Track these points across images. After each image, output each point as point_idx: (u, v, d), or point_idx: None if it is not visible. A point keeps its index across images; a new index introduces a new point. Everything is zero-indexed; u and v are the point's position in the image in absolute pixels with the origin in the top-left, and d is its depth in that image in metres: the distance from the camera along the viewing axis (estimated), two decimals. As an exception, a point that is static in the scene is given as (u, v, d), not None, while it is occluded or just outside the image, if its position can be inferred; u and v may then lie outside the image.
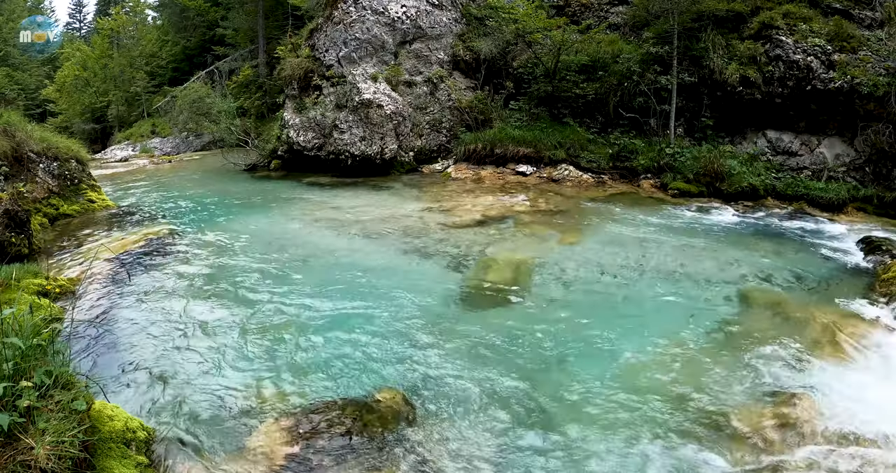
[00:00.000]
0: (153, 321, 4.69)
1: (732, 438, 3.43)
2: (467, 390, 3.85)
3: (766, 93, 10.32)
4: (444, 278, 5.87)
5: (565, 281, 5.75)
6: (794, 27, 10.35)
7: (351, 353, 4.28)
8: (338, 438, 3.36)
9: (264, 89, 20.98)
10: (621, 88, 11.69)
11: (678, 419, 3.59)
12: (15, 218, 5.90)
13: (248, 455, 3.21)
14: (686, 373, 4.08)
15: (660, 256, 6.54)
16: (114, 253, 6.16)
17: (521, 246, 6.83)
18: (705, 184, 9.66)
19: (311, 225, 7.98)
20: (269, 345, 4.36)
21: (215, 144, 18.03)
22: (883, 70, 9.21)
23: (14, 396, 2.47)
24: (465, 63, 13.53)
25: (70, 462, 2.48)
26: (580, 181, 10.57)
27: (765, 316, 5.05)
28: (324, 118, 12.43)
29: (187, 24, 28.44)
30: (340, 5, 12.96)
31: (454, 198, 9.54)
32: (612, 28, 12.93)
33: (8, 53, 31.45)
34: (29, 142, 7.86)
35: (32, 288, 4.77)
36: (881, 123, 9.23)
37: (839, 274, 6.15)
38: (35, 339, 2.79)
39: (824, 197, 9.01)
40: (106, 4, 41.04)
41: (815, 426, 3.51)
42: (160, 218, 8.26)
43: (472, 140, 11.91)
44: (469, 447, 3.33)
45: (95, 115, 29.26)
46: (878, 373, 4.09)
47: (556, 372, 4.11)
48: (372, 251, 6.71)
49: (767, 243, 7.19)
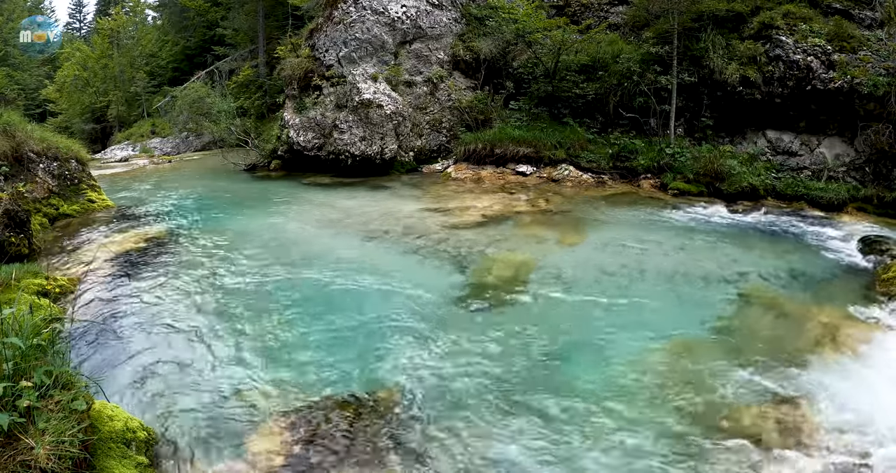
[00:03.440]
0: (153, 321, 4.69)
1: (731, 439, 3.43)
2: (467, 389, 3.85)
3: (766, 93, 10.32)
4: (444, 278, 5.87)
5: (565, 282, 5.75)
6: (794, 27, 10.35)
7: (350, 353, 4.28)
8: (337, 438, 3.36)
9: (264, 89, 20.97)
10: (621, 88, 11.68)
11: (677, 419, 3.59)
12: (15, 218, 5.91)
13: (247, 454, 3.21)
14: (685, 373, 4.08)
15: (659, 256, 6.54)
16: (114, 253, 6.17)
17: (521, 247, 6.83)
18: (705, 184, 9.66)
19: (311, 225, 7.98)
20: (269, 345, 4.36)
21: (215, 144, 18.02)
22: (883, 70, 9.20)
23: (14, 396, 2.47)
24: (465, 63, 13.53)
25: (70, 462, 2.49)
26: (580, 181, 10.57)
27: (764, 315, 5.05)
28: (324, 118, 12.43)
29: (187, 24, 28.43)
30: (340, 5, 12.95)
31: (454, 198, 9.54)
32: (612, 28, 12.92)
33: (8, 53, 31.44)
34: (29, 142, 7.86)
35: (32, 288, 4.77)
36: (881, 123, 9.21)
37: (839, 273, 6.15)
38: (35, 339, 2.79)
39: (824, 197, 9.00)
40: (106, 4, 41.05)
41: (815, 426, 3.51)
42: (160, 218, 8.26)
43: (472, 140, 11.90)
44: (469, 446, 3.33)
45: (95, 115, 29.25)
46: (878, 373, 4.09)
47: (555, 372, 4.11)
48: (372, 251, 6.71)
49: (767, 243, 7.19)
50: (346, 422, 3.49)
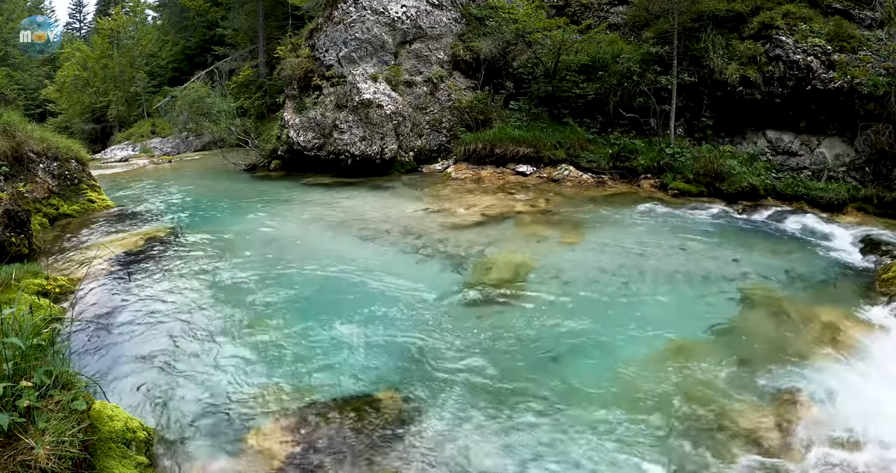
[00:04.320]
0: (153, 321, 4.69)
1: (731, 439, 3.43)
2: (467, 389, 3.86)
3: (766, 93, 10.32)
4: (444, 278, 5.87)
5: (565, 282, 5.75)
6: (794, 27, 10.34)
7: (350, 353, 4.28)
8: (337, 438, 3.36)
9: (264, 89, 20.97)
10: (621, 88, 11.68)
11: (677, 419, 3.59)
12: (15, 218, 5.91)
13: (248, 455, 3.21)
14: (685, 373, 4.08)
15: (659, 256, 6.54)
16: (114, 253, 6.17)
17: (521, 247, 6.83)
18: (705, 184, 9.65)
19: (311, 224, 7.98)
20: (269, 345, 4.36)
21: (215, 144, 18.02)
22: (883, 70, 9.20)
23: (14, 396, 2.47)
24: (465, 63, 13.53)
25: (70, 462, 2.49)
26: (580, 181, 10.57)
27: (764, 315, 5.05)
28: (324, 118, 12.43)
29: (187, 24, 28.44)
30: (340, 5, 12.96)
31: (454, 198, 9.54)
32: (612, 28, 12.91)
33: (8, 53, 31.43)
34: (29, 142, 7.86)
35: (32, 288, 4.77)
36: (881, 123, 9.20)
37: (839, 273, 6.15)
38: (35, 339, 2.80)
39: (824, 197, 9.00)
40: (106, 4, 41.03)
41: (815, 426, 3.51)
42: (160, 218, 8.27)
43: (472, 140, 11.89)
44: (469, 446, 3.33)
45: (95, 115, 29.25)
46: (878, 373, 4.09)
47: (555, 372, 4.12)
48: (372, 251, 6.71)
49: (767, 243, 7.19)
50: (345, 422, 3.49)
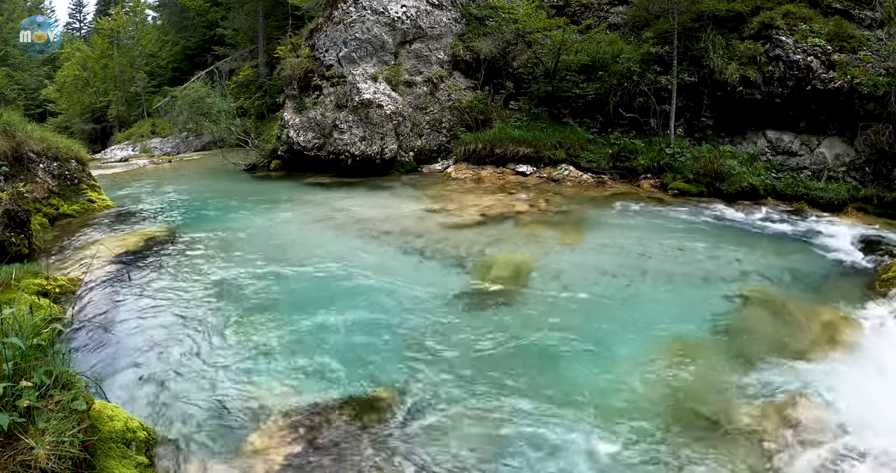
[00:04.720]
0: (153, 321, 4.69)
1: (732, 439, 3.43)
2: (467, 390, 3.85)
3: (766, 93, 10.32)
4: (444, 278, 5.87)
5: (565, 282, 5.75)
6: (794, 27, 10.34)
7: (350, 353, 4.28)
8: (337, 438, 3.36)
9: (264, 89, 20.97)
10: (621, 88, 11.68)
11: (677, 419, 3.59)
12: (15, 218, 5.90)
13: (247, 455, 3.21)
14: (685, 373, 4.08)
15: (659, 256, 6.54)
16: (114, 253, 6.17)
17: (521, 247, 6.83)
18: (705, 184, 9.66)
19: (311, 224, 7.98)
20: (269, 345, 4.36)
21: (215, 144, 18.02)
22: (883, 70, 9.20)
23: (14, 396, 2.47)
24: (465, 63, 13.53)
25: (70, 462, 2.49)
26: (580, 181, 10.57)
27: (765, 315, 5.05)
28: (324, 118, 12.43)
29: (187, 24, 28.44)
30: (340, 5, 12.96)
31: (454, 198, 9.54)
32: (612, 28, 12.92)
33: (8, 53, 31.43)
34: (29, 142, 7.86)
35: (32, 288, 4.77)
36: (881, 123, 9.21)
37: (839, 273, 6.15)
38: (35, 339, 2.80)
39: (824, 197, 9.00)
40: (106, 4, 41.03)
41: (815, 426, 3.51)
42: (160, 218, 8.27)
43: (472, 140, 11.90)
44: (469, 447, 3.33)
45: (95, 115, 29.25)
46: (878, 373, 4.09)
47: (555, 372, 4.11)
48: (371, 251, 6.71)
49: (767, 243, 7.19)
50: (345, 422, 3.49)
